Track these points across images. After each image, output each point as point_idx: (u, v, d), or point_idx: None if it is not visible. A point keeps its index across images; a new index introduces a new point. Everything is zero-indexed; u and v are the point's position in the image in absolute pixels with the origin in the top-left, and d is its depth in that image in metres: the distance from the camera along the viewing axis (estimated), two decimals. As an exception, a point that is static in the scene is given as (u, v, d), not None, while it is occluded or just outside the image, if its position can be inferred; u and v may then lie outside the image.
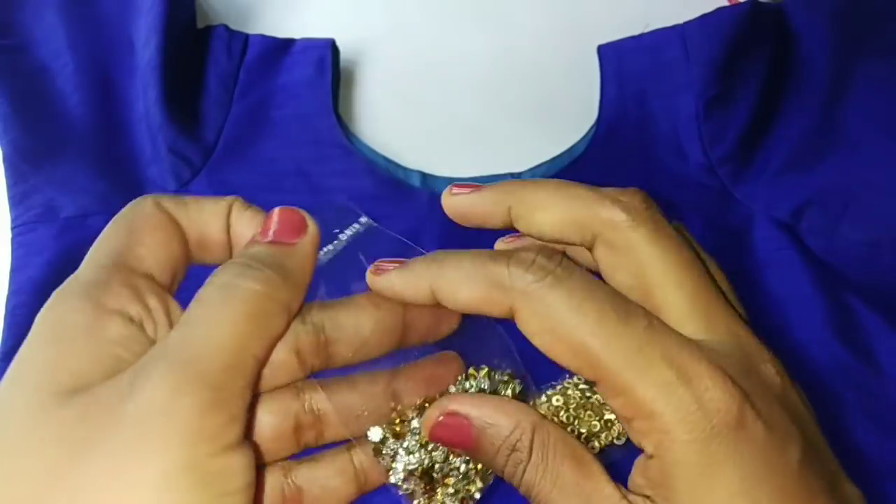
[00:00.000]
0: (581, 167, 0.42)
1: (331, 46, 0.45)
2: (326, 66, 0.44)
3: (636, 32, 0.44)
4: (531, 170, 0.43)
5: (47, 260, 0.39)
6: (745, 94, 0.41)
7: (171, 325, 0.22)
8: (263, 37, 0.45)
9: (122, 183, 0.41)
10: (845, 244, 0.39)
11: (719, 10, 0.42)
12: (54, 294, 0.22)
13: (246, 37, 0.45)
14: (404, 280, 0.24)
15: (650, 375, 0.20)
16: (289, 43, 0.45)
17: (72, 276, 0.23)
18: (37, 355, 0.20)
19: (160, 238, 0.23)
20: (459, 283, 0.23)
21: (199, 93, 0.43)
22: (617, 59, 0.44)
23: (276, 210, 0.24)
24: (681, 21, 0.43)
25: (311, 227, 0.24)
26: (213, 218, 0.25)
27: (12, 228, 0.40)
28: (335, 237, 0.26)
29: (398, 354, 0.26)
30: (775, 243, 0.40)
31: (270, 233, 0.23)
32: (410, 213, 0.41)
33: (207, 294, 0.21)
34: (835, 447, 0.27)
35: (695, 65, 0.42)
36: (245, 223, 0.24)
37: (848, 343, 0.37)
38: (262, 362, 0.21)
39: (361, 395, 0.25)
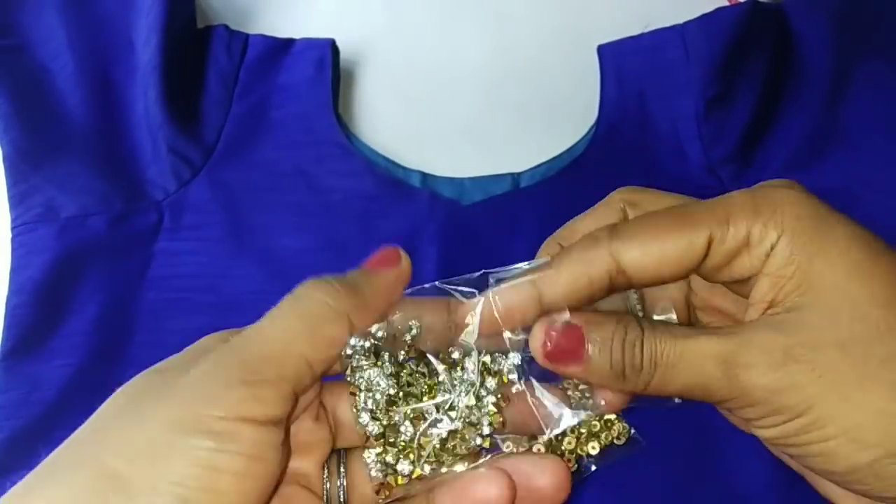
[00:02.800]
0: (581, 167, 0.42)
1: (331, 46, 0.45)
2: (326, 65, 0.44)
3: (636, 32, 0.44)
4: (531, 170, 0.43)
5: (48, 260, 0.39)
6: (746, 94, 0.41)
7: None
8: (263, 37, 0.45)
9: (122, 183, 0.41)
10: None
11: (719, 10, 0.42)
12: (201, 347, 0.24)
13: (246, 37, 0.45)
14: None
15: None
16: (289, 43, 0.45)
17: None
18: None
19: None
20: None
21: (199, 93, 0.44)
22: (617, 59, 0.44)
23: (383, 248, 0.27)
24: (681, 21, 0.43)
25: (404, 262, 0.26)
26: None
27: (12, 228, 0.40)
28: None
29: None
30: (775, 243, 0.40)
31: (368, 262, 0.26)
32: (410, 213, 0.41)
33: (283, 299, 0.24)
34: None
35: (695, 65, 0.42)
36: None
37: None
38: (314, 363, 0.23)
39: None
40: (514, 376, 0.26)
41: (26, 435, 0.37)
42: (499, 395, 0.26)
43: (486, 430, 0.25)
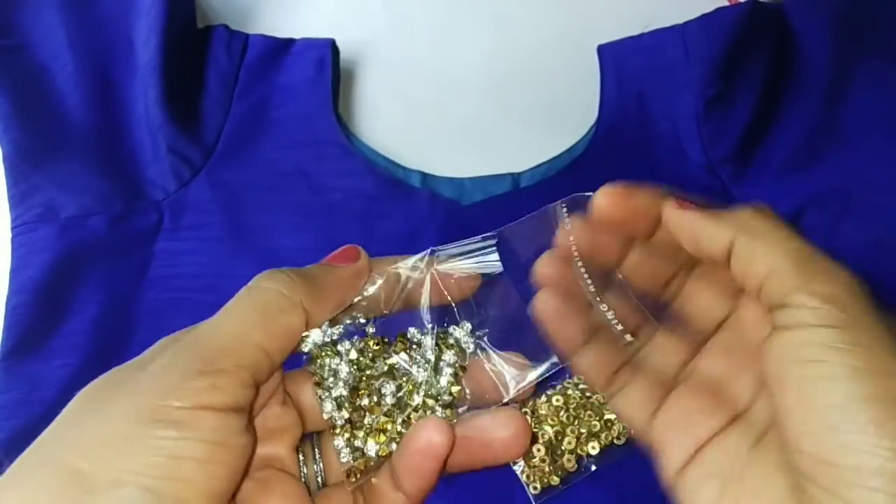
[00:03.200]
0: (581, 167, 0.42)
1: (331, 46, 0.45)
2: (326, 65, 0.44)
3: (636, 32, 0.44)
4: (531, 170, 0.43)
5: (48, 260, 0.39)
6: (746, 94, 0.41)
7: None
8: (263, 37, 0.45)
9: (122, 183, 0.41)
10: (845, 244, 0.39)
11: (719, 10, 0.42)
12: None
13: (246, 37, 0.45)
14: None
15: None
16: (289, 43, 0.45)
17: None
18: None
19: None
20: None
21: (199, 93, 0.44)
22: (617, 59, 0.44)
23: (343, 247, 0.27)
24: (681, 21, 0.43)
25: (362, 260, 0.27)
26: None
27: (13, 228, 0.40)
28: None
29: None
30: (775, 243, 0.40)
31: (327, 258, 0.27)
32: (410, 213, 0.41)
33: (239, 292, 0.25)
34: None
35: (695, 65, 0.42)
36: None
37: (848, 343, 0.37)
38: (271, 352, 0.24)
39: None
40: (468, 345, 0.27)
41: (26, 435, 0.37)
42: (456, 366, 0.27)
43: (447, 399, 0.26)
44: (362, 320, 0.27)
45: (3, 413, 0.37)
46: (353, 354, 0.26)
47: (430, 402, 0.26)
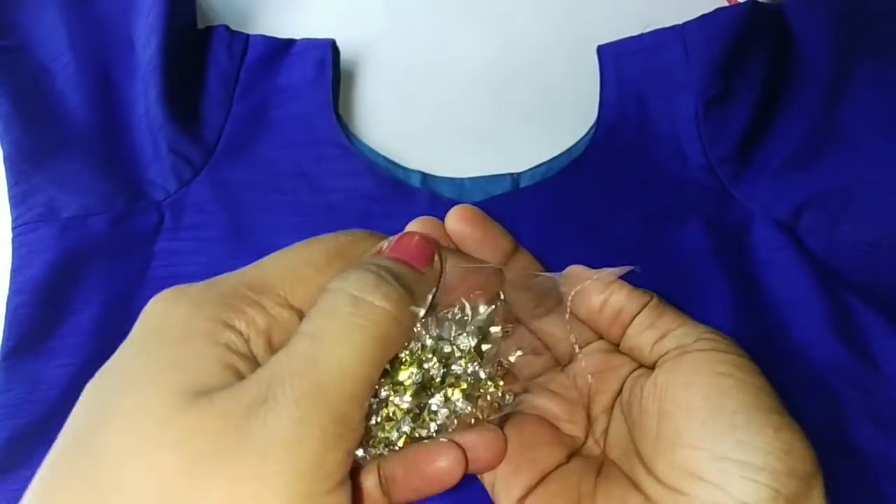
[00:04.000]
0: (581, 167, 0.42)
1: (331, 46, 0.45)
2: (327, 66, 0.44)
3: (636, 32, 0.44)
4: (531, 170, 0.44)
5: (49, 260, 0.39)
6: (745, 94, 0.41)
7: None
8: (264, 37, 0.45)
9: (123, 183, 0.41)
10: (845, 244, 0.39)
11: (719, 10, 0.42)
12: (161, 296, 0.22)
13: (246, 37, 0.45)
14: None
15: None
16: (289, 43, 0.45)
17: (183, 286, 0.22)
18: (156, 354, 0.20)
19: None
20: None
21: (199, 93, 0.44)
22: (617, 59, 0.44)
23: (416, 235, 0.24)
24: (681, 21, 0.43)
25: (437, 262, 0.25)
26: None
27: (13, 228, 0.40)
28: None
29: None
30: (775, 243, 0.40)
31: (401, 251, 0.24)
32: (410, 214, 0.41)
33: (336, 304, 0.21)
34: (834, 447, 0.27)
35: (694, 65, 0.42)
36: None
37: (847, 343, 0.37)
38: (374, 381, 0.21)
39: None
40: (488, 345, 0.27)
41: (27, 435, 0.37)
42: (491, 366, 0.27)
43: (506, 397, 0.27)
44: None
45: (3, 412, 0.37)
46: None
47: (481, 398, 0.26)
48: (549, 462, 0.29)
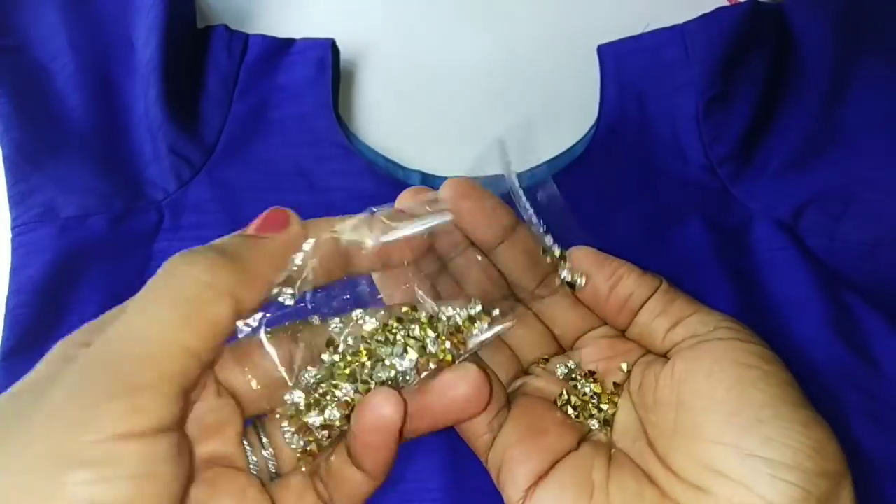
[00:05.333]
0: (581, 167, 0.42)
1: (331, 46, 0.45)
2: (326, 66, 0.44)
3: (636, 32, 0.44)
4: (531, 170, 0.43)
5: (48, 260, 0.39)
6: (746, 94, 0.41)
7: None
8: (263, 37, 0.45)
9: (122, 182, 0.41)
10: (845, 244, 0.39)
11: (719, 9, 0.42)
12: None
13: (246, 37, 0.45)
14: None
15: None
16: (289, 43, 0.45)
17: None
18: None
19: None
20: None
21: (199, 93, 0.44)
22: (617, 59, 0.44)
23: (269, 209, 0.24)
24: (681, 21, 0.43)
25: (295, 226, 0.23)
26: None
27: (12, 228, 0.40)
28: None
29: None
30: (775, 243, 0.40)
31: (252, 226, 0.23)
32: (410, 213, 0.41)
33: (151, 281, 0.21)
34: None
35: (695, 65, 0.42)
36: None
37: (848, 343, 0.37)
38: (200, 352, 0.20)
39: None
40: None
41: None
42: (443, 338, 0.25)
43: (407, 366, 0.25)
44: (287, 294, 0.23)
45: (3, 413, 0.37)
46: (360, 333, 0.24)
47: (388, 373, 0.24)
48: (558, 448, 0.28)
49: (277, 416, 0.25)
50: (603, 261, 0.29)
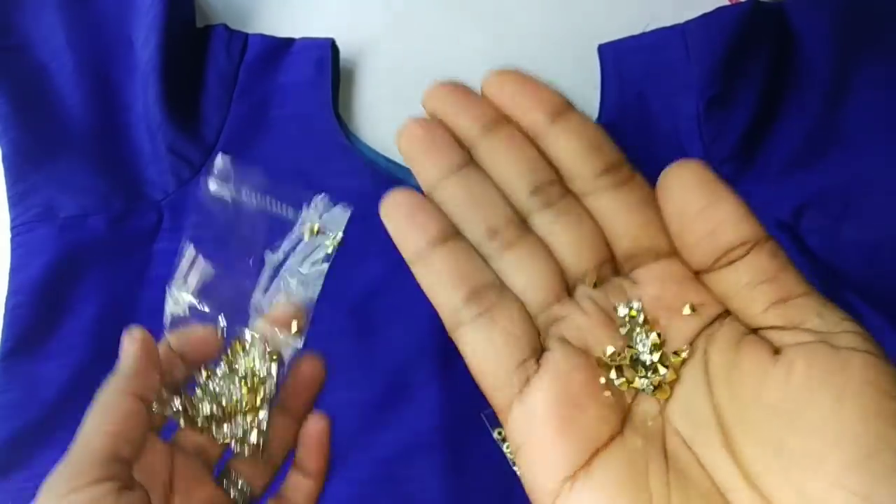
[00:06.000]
0: (581, 167, 0.42)
1: (331, 46, 0.45)
2: (326, 65, 0.44)
3: (637, 31, 0.44)
4: (531, 169, 0.43)
5: (47, 259, 0.39)
6: (746, 94, 0.41)
7: None
8: (263, 36, 0.45)
9: (121, 182, 0.41)
10: (846, 244, 0.39)
11: (720, 9, 0.42)
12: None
13: (245, 36, 0.45)
14: None
15: None
16: (289, 43, 0.45)
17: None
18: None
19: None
20: None
21: (198, 92, 0.43)
22: (617, 58, 0.44)
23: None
24: (681, 21, 0.43)
25: (136, 332, 0.29)
26: None
27: (12, 228, 0.40)
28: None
29: None
30: (776, 243, 0.40)
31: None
32: (410, 213, 0.41)
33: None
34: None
35: (695, 64, 0.42)
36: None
37: (848, 343, 0.37)
38: (121, 434, 0.26)
39: None
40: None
41: (26, 435, 0.37)
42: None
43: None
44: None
45: (3, 413, 0.37)
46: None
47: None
48: (600, 432, 0.21)
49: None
50: (708, 175, 0.23)
